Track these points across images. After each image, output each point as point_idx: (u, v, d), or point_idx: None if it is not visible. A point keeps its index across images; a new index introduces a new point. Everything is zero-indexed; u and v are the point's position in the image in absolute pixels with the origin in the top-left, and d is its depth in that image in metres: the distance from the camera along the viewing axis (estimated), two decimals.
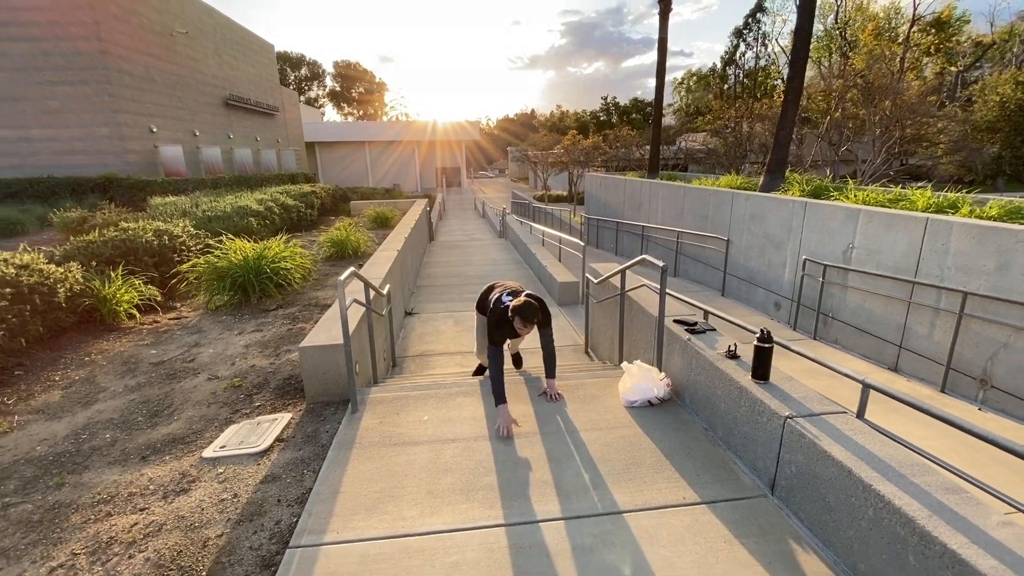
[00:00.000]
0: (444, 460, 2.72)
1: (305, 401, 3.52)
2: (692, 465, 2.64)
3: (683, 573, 1.95)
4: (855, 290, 5.65)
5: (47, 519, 2.43)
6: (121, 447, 3.06)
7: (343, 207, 15.90)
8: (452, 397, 3.44)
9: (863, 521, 1.87)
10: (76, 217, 11.02)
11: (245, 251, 5.67)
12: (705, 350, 3.03)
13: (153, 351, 4.53)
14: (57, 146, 16.55)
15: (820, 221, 6.10)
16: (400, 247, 6.99)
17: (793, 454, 2.24)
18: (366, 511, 2.33)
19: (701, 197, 8.91)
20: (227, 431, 3.17)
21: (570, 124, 59.10)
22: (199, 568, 2.07)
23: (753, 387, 2.57)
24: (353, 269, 3.37)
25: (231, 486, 2.61)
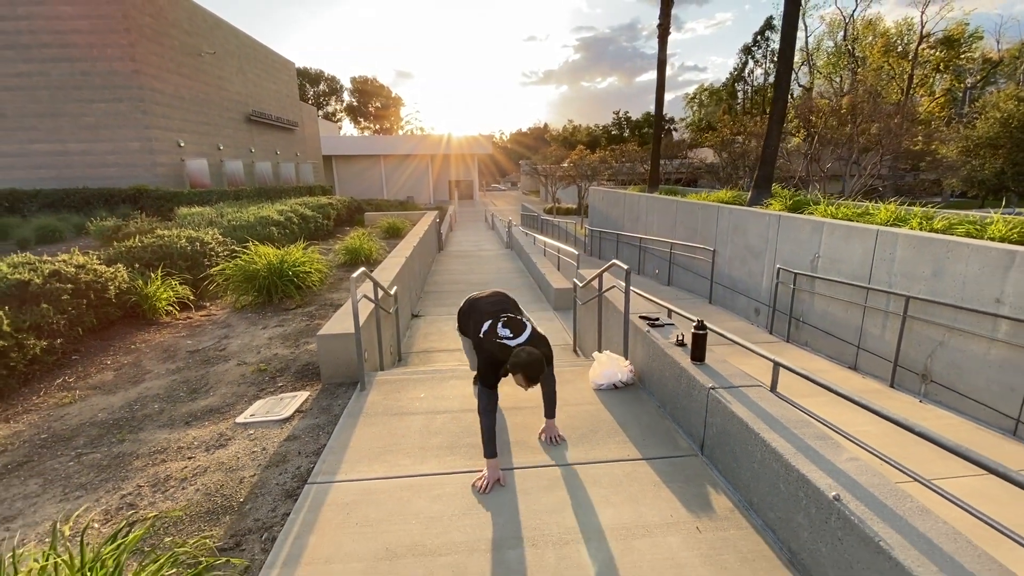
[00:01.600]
0: (435, 426, 3.28)
1: (321, 382, 4.10)
2: (640, 432, 3.16)
3: (616, 505, 2.47)
4: (821, 296, 6.12)
5: (113, 464, 3.02)
6: (168, 415, 3.66)
7: (358, 218, 16.67)
8: (446, 380, 4.00)
9: (755, 463, 2.39)
10: (111, 226, 11.87)
11: (269, 257, 6.32)
12: (659, 340, 3.56)
13: (189, 341, 5.17)
14: (91, 159, 17.62)
15: (792, 233, 6.59)
16: (408, 255, 7.61)
17: (714, 417, 2.76)
18: (369, 460, 2.89)
19: (691, 211, 9.44)
20: (255, 404, 3.76)
21: (582, 139, 60.00)
22: (238, 496, 2.64)
23: (691, 367, 3.09)
24: (364, 269, 3.97)
25: (260, 443, 3.19)
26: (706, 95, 55.87)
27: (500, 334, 2.73)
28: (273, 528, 2.39)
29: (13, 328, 4.07)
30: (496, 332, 2.75)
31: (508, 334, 2.73)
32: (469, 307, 3.17)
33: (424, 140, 40.99)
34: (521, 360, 2.53)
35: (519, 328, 2.78)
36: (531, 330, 2.80)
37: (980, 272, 4.27)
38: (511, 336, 2.72)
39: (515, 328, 2.77)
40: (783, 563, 2.11)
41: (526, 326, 2.80)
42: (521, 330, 2.76)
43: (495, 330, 2.77)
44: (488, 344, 2.74)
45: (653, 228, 11.26)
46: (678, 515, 2.41)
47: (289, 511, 2.48)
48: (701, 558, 2.14)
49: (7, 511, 2.62)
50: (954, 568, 1.56)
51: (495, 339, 2.72)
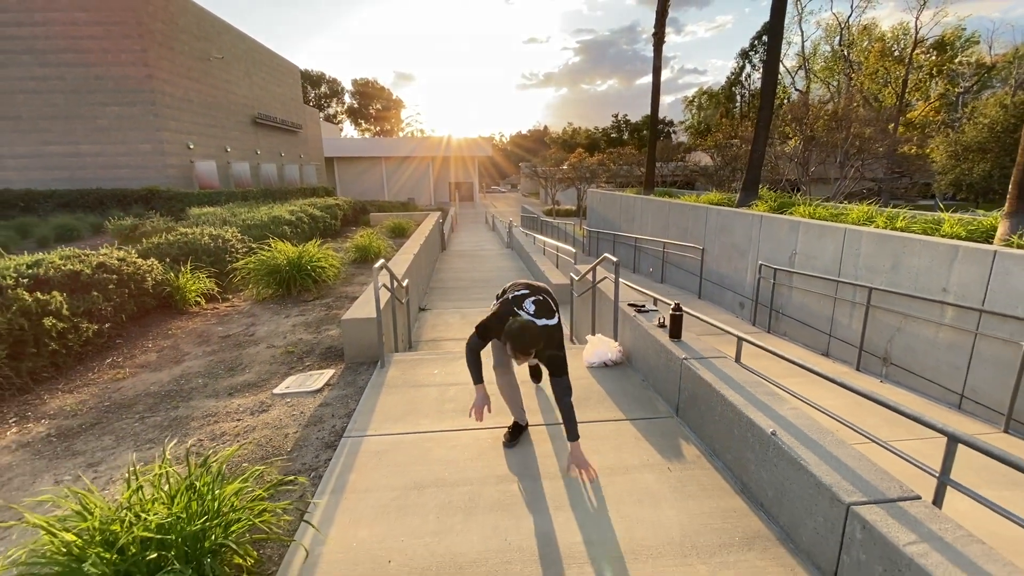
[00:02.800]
0: (449, 395, 3.78)
1: (344, 362, 4.60)
2: (626, 400, 3.67)
3: (602, 453, 2.97)
4: (798, 289, 6.63)
5: (173, 424, 3.52)
6: (212, 388, 4.16)
7: (363, 218, 17.18)
8: (456, 360, 4.50)
9: (717, 417, 2.89)
10: (128, 224, 12.37)
11: (288, 252, 6.83)
12: (644, 323, 4.07)
13: (219, 328, 5.67)
14: (104, 160, 18.14)
15: (772, 232, 7.11)
16: (415, 252, 8.12)
17: (687, 383, 3.26)
18: (394, 420, 3.39)
19: (682, 212, 9.98)
20: (288, 379, 4.26)
21: (581, 141, 60.63)
22: (285, 446, 3.14)
23: (669, 343, 3.60)
24: (383, 261, 4.47)
25: (297, 408, 3.69)
26: (705, 98, 56.46)
27: (525, 307, 2.70)
28: (318, 469, 2.89)
29: (70, 312, 4.58)
30: (523, 304, 2.73)
31: (531, 310, 2.70)
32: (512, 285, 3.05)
33: (425, 142, 41.54)
34: (512, 329, 2.48)
35: (546, 312, 2.72)
36: (556, 321, 2.74)
37: (930, 265, 4.79)
38: (532, 313, 2.69)
39: (542, 309, 2.72)
40: (736, 491, 2.61)
41: (554, 314, 2.75)
42: (547, 315, 2.71)
43: (523, 301, 2.75)
44: (505, 308, 2.72)
45: (647, 228, 11.79)
46: (653, 460, 2.91)
47: (330, 458, 2.98)
48: (670, 489, 2.64)
49: (91, 459, 3.12)
50: (853, 477, 2.06)
51: (515, 307, 2.71)
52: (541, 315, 2.73)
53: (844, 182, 13.53)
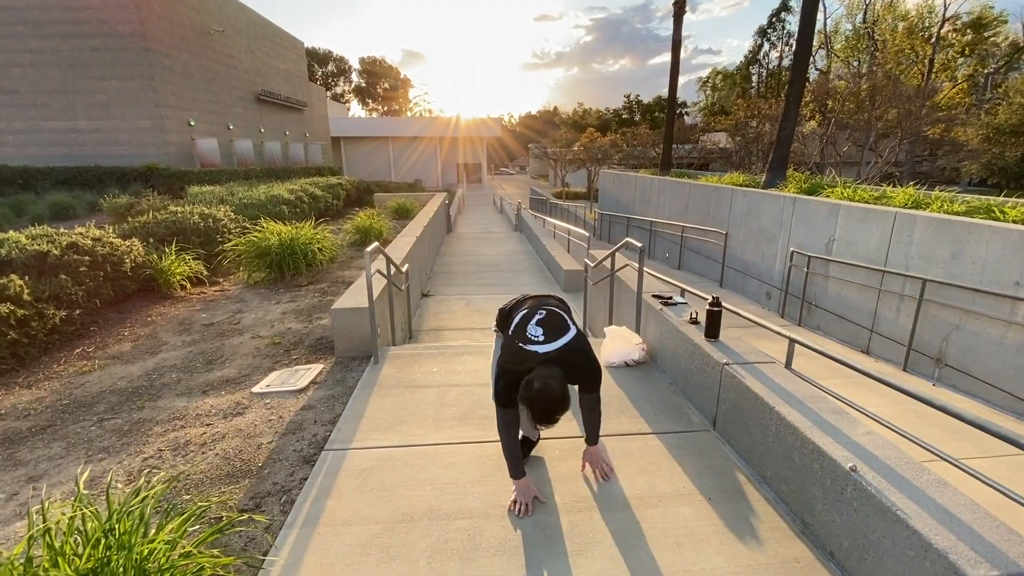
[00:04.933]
0: (448, 399, 3.31)
1: (334, 356, 4.14)
2: (652, 408, 3.18)
3: (629, 476, 2.49)
4: (835, 279, 6.07)
5: (134, 429, 3.09)
6: (185, 384, 3.72)
7: (367, 199, 16.66)
8: (458, 355, 4.03)
9: (768, 437, 2.39)
10: (124, 203, 11.96)
11: (281, 233, 6.35)
12: (672, 318, 3.55)
13: (203, 315, 5.23)
14: (103, 137, 17.68)
15: (807, 216, 6.51)
16: (418, 234, 7.61)
17: (728, 393, 2.76)
18: (384, 429, 2.93)
19: (703, 194, 9.34)
20: (271, 375, 3.81)
21: (592, 122, 59.30)
22: (256, 461, 2.69)
23: (704, 344, 3.09)
24: (377, 244, 3.97)
25: (276, 411, 3.24)
26: (720, 79, 54.84)
27: (529, 334, 2.04)
28: (291, 491, 2.43)
29: (33, 298, 4.14)
30: (525, 330, 2.06)
31: (539, 335, 2.03)
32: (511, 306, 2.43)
33: (433, 122, 40.64)
34: (531, 392, 1.89)
35: (557, 329, 2.07)
36: (572, 336, 2.08)
37: (1001, 255, 4.21)
38: (542, 339, 2.02)
39: (552, 328, 2.07)
40: (795, 533, 2.13)
41: (568, 329, 2.10)
42: (559, 333, 2.06)
43: (525, 326, 2.08)
44: (510, 347, 2.10)
45: (664, 211, 11.17)
46: (690, 487, 2.42)
47: (306, 476, 2.53)
48: (714, 528, 2.16)
49: (33, 471, 2.69)
50: (973, 538, 1.56)
51: (519, 340, 2.05)
52: (553, 336, 2.06)
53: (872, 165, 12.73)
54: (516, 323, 2.16)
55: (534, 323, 2.08)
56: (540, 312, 2.15)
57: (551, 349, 2.01)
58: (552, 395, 1.88)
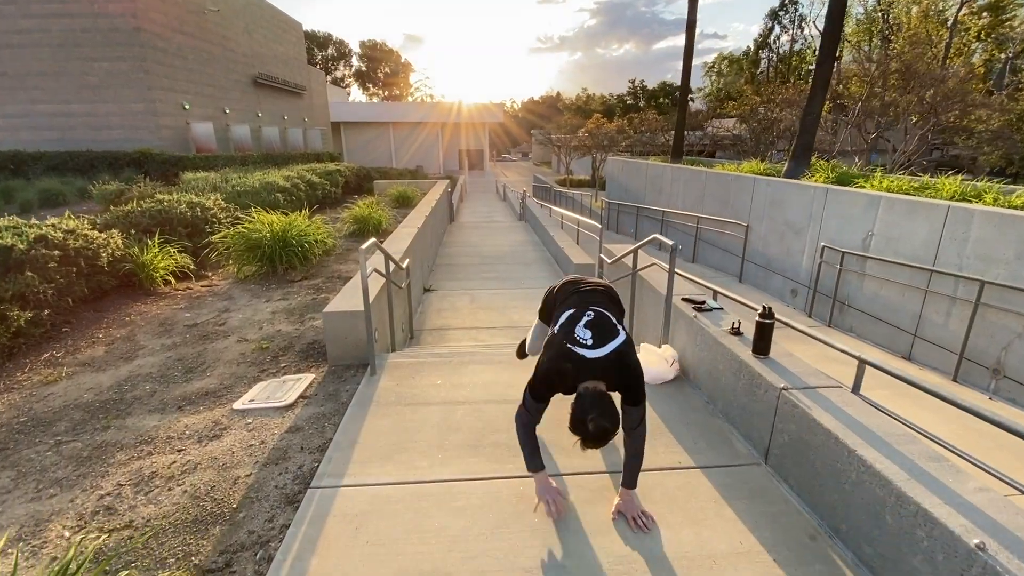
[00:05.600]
0: (455, 420, 2.89)
1: (327, 363, 3.73)
2: (689, 433, 2.76)
3: (673, 526, 2.08)
4: (872, 278, 5.61)
5: (95, 456, 2.68)
6: (160, 398, 3.31)
7: (367, 186, 16.15)
8: (465, 364, 3.61)
9: (846, 484, 1.97)
10: (114, 190, 11.49)
11: (273, 224, 5.90)
12: (710, 327, 3.12)
13: (187, 314, 4.81)
14: (95, 120, 17.15)
15: (841, 208, 6.03)
16: (420, 225, 7.16)
17: (786, 424, 2.34)
18: (380, 460, 2.52)
19: (722, 182, 8.84)
20: (255, 387, 3.40)
21: (596, 107, 58.23)
22: (230, 501, 2.29)
23: (753, 361, 2.66)
24: (374, 240, 3.53)
25: (259, 434, 2.83)
26: (725, 64, 53.66)
27: (578, 336, 1.93)
28: (270, 544, 2.03)
29: None
30: (573, 332, 1.96)
31: (587, 338, 1.93)
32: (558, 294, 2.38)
33: (435, 108, 39.85)
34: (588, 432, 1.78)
35: (607, 334, 1.95)
36: (622, 341, 1.96)
37: None
38: (590, 343, 1.91)
39: (601, 332, 1.95)
40: None
41: (617, 333, 1.99)
42: (608, 338, 1.94)
43: (573, 328, 1.98)
44: (556, 347, 1.96)
45: (678, 201, 10.67)
46: (749, 541, 2.02)
47: (288, 522, 2.13)
48: None
49: None
50: None
51: (567, 341, 1.94)
52: (602, 341, 1.94)
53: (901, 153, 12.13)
54: (563, 321, 2.06)
55: (582, 325, 1.99)
56: (589, 313, 2.04)
57: (599, 355, 1.90)
58: (607, 435, 1.81)
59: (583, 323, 1.99)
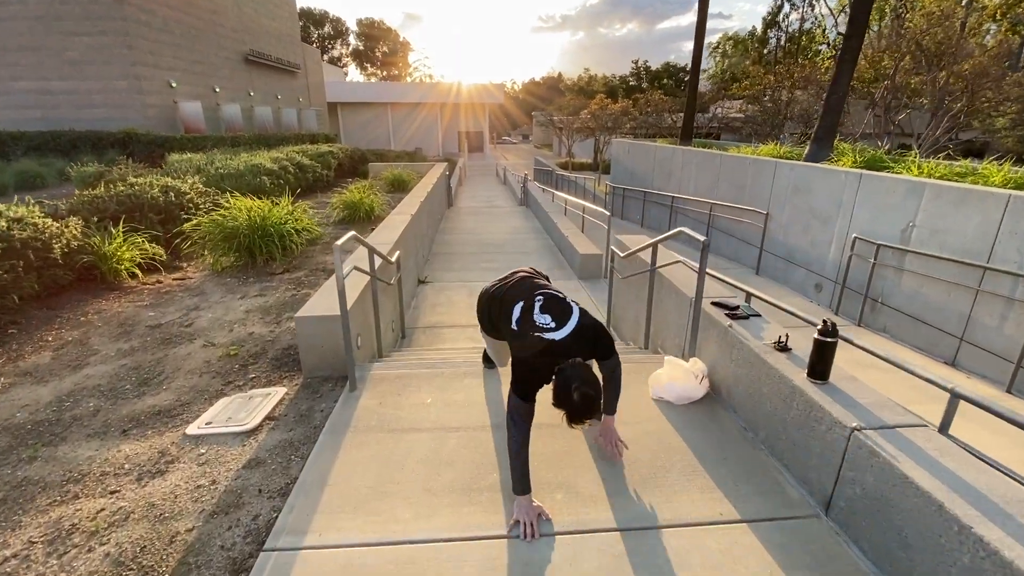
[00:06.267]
0: (446, 451, 2.42)
1: (302, 375, 3.26)
2: (729, 471, 2.29)
3: None
4: (912, 274, 5.11)
5: (11, 497, 2.22)
6: (103, 418, 2.84)
7: (362, 169, 15.53)
8: (459, 378, 3.13)
9: (954, 568, 1.51)
10: (93, 172, 10.90)
11: (251, 211, 5.37)
12: (749, 339, 2.63)
13: (151, 313, 4.32)
14: (77, 99, 16.43)
15: (876, 196, 5.49)
16: (414, 211, 6.63)
17: (860, 473, 1.87)
18: (354, 509, 2.05)
19: (739, 166, 8.26)
20: (216, 405, 2.93)
21: (599, 89, 56.92)
22: (162, 569, 1.82)
23: (809, 388, 2.18)
24: (353, 233, 3.03)
25: (211, 470, 2.36)
26: (730, 45, 52.26)
27: (539, 323, 1.97)
28: None
29: None
30: (533, 321, 1.98)
31: (548, 322, 1.96)
32: (488, 302, 2.39)
33: (434, 88, 38.84)
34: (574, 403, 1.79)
35: (563, 312, 2.01)
36: (579, 313, 2.03)
37: None
38: (553, 325, 1.96)
39: (557, 311, 2.01)
40: None
41: (571, 307, 2.05)
42: (566, 315, 2.00)
43: (531, 318, 2.00)
44: (525, 339, 1.98)
45: (689, 186, 10.09)
46: None
47: None
48: None
49: None
50: None
51: (532, 331, 1.96)
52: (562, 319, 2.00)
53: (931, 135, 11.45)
54: (519, 315, 2.06)
55: (538, 311, 2.01)
56: (538, 298, 2.07)
57: (567, 333, 1.94)
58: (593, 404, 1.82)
59: (538, 309, 2.00)
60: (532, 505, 1.97)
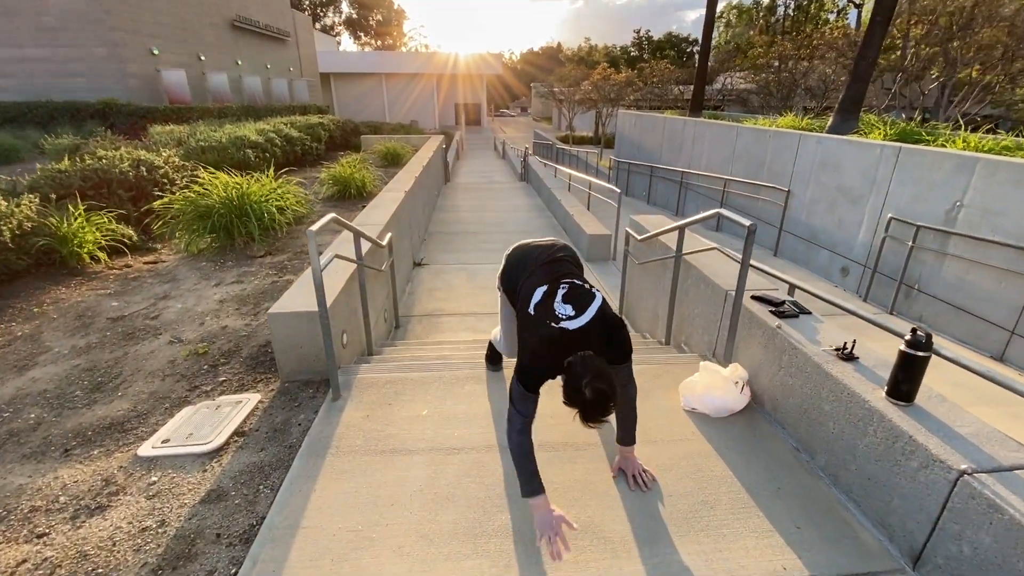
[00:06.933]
0: (445, 481, 2.02)
1: (279, 378, 2.84)
2: (786, 508, 1.90)
3: None
4: (957, 259, 4.67)
5: None
6: (44, 433, 2.43)
7: (354, 142, 14.87)
8: (459, 384, 2.72)
9: None
10: (68, 144, 10.30)
11: (228, 187, 4.88)
12: (805, 344, 2.21)
13: (114, 303, 3.88)
14: (54, 67, 15.59)
15: (918, 172, 5.00)
16: (409, 188, 6.13)
17: (972, 529, 1.47)
18: (333, 563, 1.66)
19: (759, 140, 7.71)
20: (178, 416, 2.52)
21: (599, 59, 55.19)
22: None
23: (892, 411, 1.77)
24: (334, 216, 2.57)
25: (162, 505, 1.96)
26: (734, 14, 50.48)
27: (558, 312, 1.74)
28: None
29: None
30: (552, 309, 1.76)
31: (569, 312, 1.73)
32: (520, 257, 2.13)
33: (431, 59, 37.52)
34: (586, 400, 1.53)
35: (584, 301, 1.77)
36: (599, 305, 1.77)
37: None
38: (573, 315, 1.72)
39: (579, 301, 1.77)
40: None
41: (594, 297, 1.79)
42: (586, 304, 1.76)
43: (551, 305, 1.78)
44: (539, 327, 1.75)
45: (700, 160, 9.54)
46: None
47: None
48: None
49: None
50: None
51: (549, 319, 1.73)
52: (582, 308, 1.74)
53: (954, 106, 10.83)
54: (538, 302, 1.83)
55: (560, 300, 1.79)
56: (563, 286, 1.84)
57: (584, 323, 1.71)
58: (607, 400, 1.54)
59: (559, 298, 1.80)
60: (552, 512, 1.72)
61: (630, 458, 2.01)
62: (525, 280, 1.96)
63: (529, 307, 1.84)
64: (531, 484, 1.72)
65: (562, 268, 1.97)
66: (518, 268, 2.08)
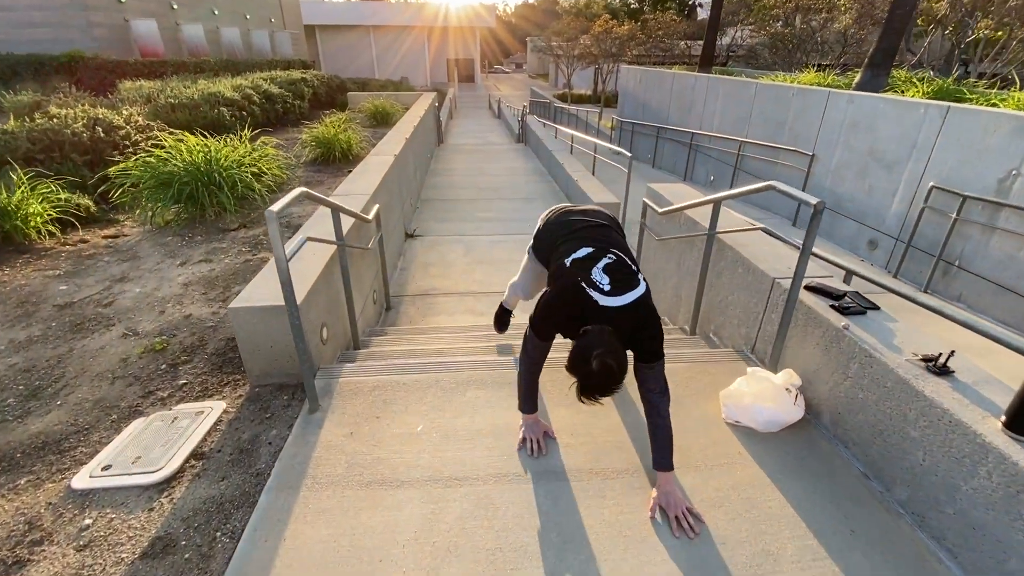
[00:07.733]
0: (445, 525, 1.65)
1: (248, 382, 2.43)
2: (866, 559, 1.55)
3: None
4: (1009, 234, 4.25)
5: None
6: None
7: (340, 100, 13.97)
8: (460, 389, 2.32)
9: None
10: (28, 102, 9.47)
11: (193, 151, 4.32)
12: (883, 352, 1.81)
13: (63, 286, 3.41)
14: (15, 17, 14.39)
15: (967, 135, 4.50)
16: (399, 151, 5.57)
17: None
18: None
19: (780, 98, 7.09)
20: (125, 432, 2.12)
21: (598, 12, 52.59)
22: None
23: (1016, 451, 1.38)
24: (303, 190, 2.09)
25: (93, 560, 1.58)
26: None
27: (594, 278, 1.61)
28: None
29: None
30: (590, 275, 1.62)
31: (605, 283, 1.60)
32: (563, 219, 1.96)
33: (421, 10, 35.52)
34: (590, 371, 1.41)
35: (627, 280, 1.63)
36: (642, 292, 1.63)
37: None
38: (608, 288, 1.59)
39: (621, 281, 1.61)
40: None
41: (637, 282, 1.65)
42: (628, 286, 1.61)
43: (589, 271, 1.63)
44: (569, 284, 1.64)
45: (712, 121, 8.92)
46: None
47: None
48: None
49: None
50: None
51: (582, 285, 1.60)
52: (619, 289, 1.58)
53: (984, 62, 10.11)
54: (579, 258, 1.69)
55: (601, 268, 1.64)
56: (610, 256, 1.68)
57: (617, 304, 1.57)
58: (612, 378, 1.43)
59: (601, 266, 1.65)
60: (538, 422, 1.95)
61: (671, 492, 1.68)
62: (565, 243, 1.80)
63: (567, 259, 1.70)
64: (528, 404, 1.91)
65: (612, 238, 1.82)
66: (557, 230, 1.92)
